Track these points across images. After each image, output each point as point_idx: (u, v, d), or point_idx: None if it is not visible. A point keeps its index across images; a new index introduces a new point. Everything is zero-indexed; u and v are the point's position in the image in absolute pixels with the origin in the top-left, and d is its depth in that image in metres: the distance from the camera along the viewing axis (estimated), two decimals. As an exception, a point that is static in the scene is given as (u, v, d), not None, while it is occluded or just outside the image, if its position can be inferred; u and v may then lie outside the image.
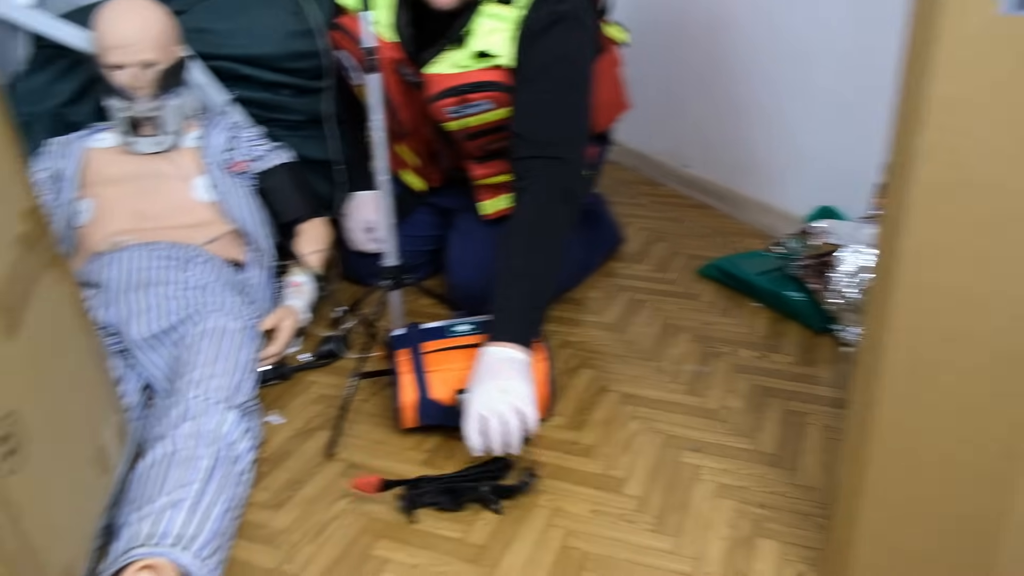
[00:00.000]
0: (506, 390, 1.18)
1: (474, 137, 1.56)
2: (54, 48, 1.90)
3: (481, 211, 1.70)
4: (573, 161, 1.44)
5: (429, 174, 1.81)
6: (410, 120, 1.64)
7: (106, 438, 1.08)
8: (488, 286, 1.60)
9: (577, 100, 1.48)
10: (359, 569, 1.06)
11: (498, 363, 1.22)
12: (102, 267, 1.50)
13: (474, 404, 1.18)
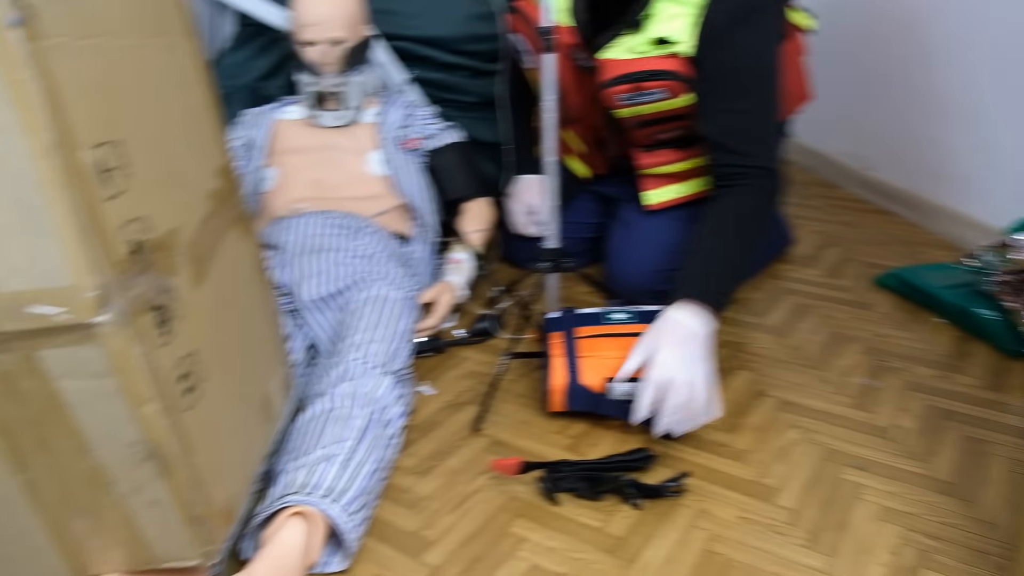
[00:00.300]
0: (694, 363, 1.18)
1: (645, 125, 1.52)
2: (255, 27, 2.04)
3: (645, 201, 1.66)
4: (773, 166, 1.42)
5: (594, 161, 1.79)
6: (579, 106, 1.62)
7: (272, 388, 1.14)
8: (647, 278, 1.57)
9: (771, 101, 1.43)
10: (496, 544, 1.07)
11: (686, 332, 1.21)
12: (281, 231, 1.59)
13: (656, 370, 1.17)
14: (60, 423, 0.79)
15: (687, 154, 1.57)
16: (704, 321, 1.24)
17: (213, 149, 1.02)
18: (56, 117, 0.69)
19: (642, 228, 1.67)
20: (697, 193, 1.61)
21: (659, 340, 1.21)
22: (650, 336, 1.22)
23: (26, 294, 0.72)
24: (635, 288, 1.60)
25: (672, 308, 1.24)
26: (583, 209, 1.86)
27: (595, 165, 1.80)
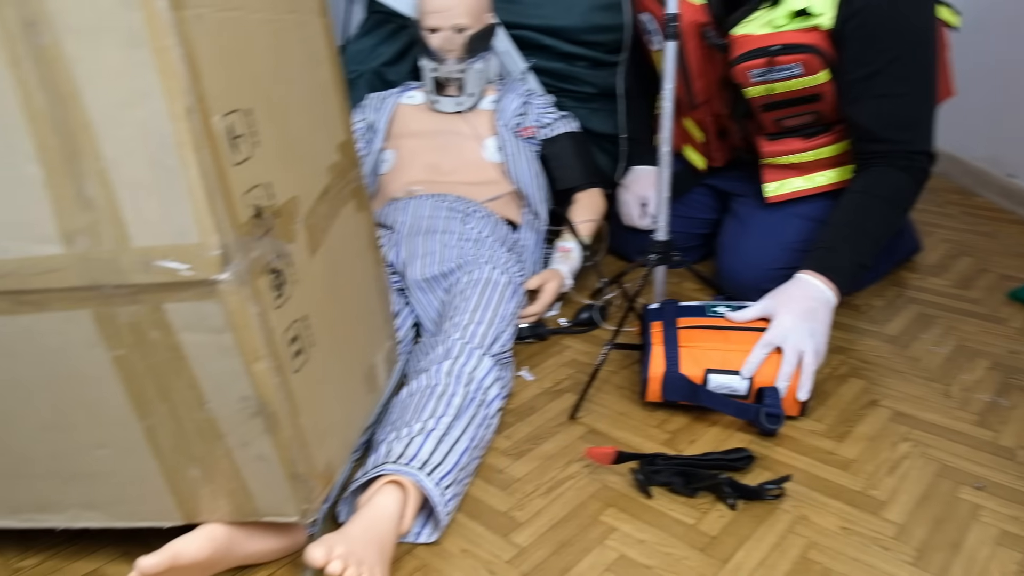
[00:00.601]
0: (814, 333, 1.23)
1: (772, 108, 1.47)
2: (383, 14, 2.10)
3: (765, 193, 1.60)
4: (929, 149, 1.39)
5: (713, 152, 1.75)
6: (705, 89, 1.59)
7: (377, 360, 1.18)
8: (757, 275, 1.53)
9: (929, 84, 1.38)
10: (585, 531, 1.06)
11: (816, 301, 1.27)
12: (395, 212, 1.64)
13: (777, 331, 1.22)
14: (180, 374, 0.84)
15: (813, 143, 1.51)
16: (835, 289, 1.28)
17: (336, 124, 1.06)
18: (194, 83, 0.73)
19: (756, 224, 1.62)
20: (819, 188, 1.55)
21: (781, 304, 1.26)
22: (774, 297, 1.27)
23: (156, 249, 0.77)
24: (744, 285, 1.56)
25: (803, 274, 1.29)
26: (697, 203, 1.83)
27: (713, 157, 1.76)
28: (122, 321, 0.81)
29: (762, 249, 1.56)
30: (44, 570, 1.02)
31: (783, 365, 1.21)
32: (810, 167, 1.55)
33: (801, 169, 1.56)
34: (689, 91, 1.59)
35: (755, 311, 1.27)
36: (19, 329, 0.83)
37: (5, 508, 0.98)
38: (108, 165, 0.75)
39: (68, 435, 0.90)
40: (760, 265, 1.54)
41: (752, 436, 1.24)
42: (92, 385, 0.86)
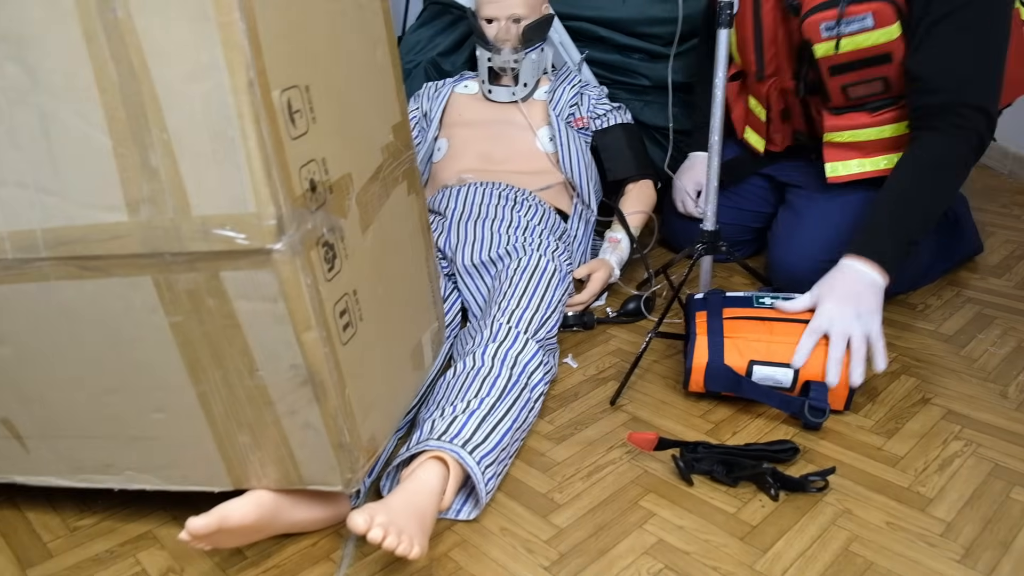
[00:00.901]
0: (860, 316, 1.22)
1: (841, 71, 1.44)
2: (440, 5, 2.12)
3: (829, 172, 1.55)
4: (986, 104, 1.34)
5: (773, 134, 1.71)
6: (775, 58, 1.57)
7: (424, 340, 1.20)
8: (809, 267, 1.51)
9: (998, 42, 1.34)
10: (624, 515, 1.07)
11: (860, 284, 1.26)
12: (447, 198, 1.66)
13: (822, 317, 1.22)
14: (234, 341, 0.86)
15: (878, 119, 1.47)
16: (881, 271, 1.27)
17: (391, 106, 1.08)
18: (256, 58, 0.76)
19: (810, 216, 1.60)
20: (879, 171, 1.51)
21: (825, 291, 1.26)
22: (820, 286, 1.27)
23: (215, 218, 0.80)
24: (796, 278, 1.54)
25: (846, 258, 1.29)
26: (752, 195, 1.81)
27: (774, 139, 1.72)
28: (180, 288, 0.84)
29: (815, 242, 1.54)
30: (101, 529, 1.06)
31: (831, 350, 1.20)
32: (871, 148, 1.51)
33: (862, 150, 1.52)
34: (760, 60, 1.58)
35: (804, 302, 1.27)
36: (85, 294, 0.87)
37: (69, 467, 1.02)
38: (172, 136, 0.78)
39: (128, 398, 0.94)
40: (813, 258, 1.51)
41: (797, 429, 1.23)
42: (151, 350, 0.89)
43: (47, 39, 0.77)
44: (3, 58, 0.79)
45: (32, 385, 0.95)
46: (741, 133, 1.77)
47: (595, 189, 1.78)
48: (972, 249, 1.84)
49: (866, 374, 1.21)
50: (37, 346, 0.92)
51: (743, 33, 1.58)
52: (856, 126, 1.50)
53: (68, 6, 0.75)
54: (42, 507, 1.10)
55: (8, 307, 0.90)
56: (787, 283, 1.56)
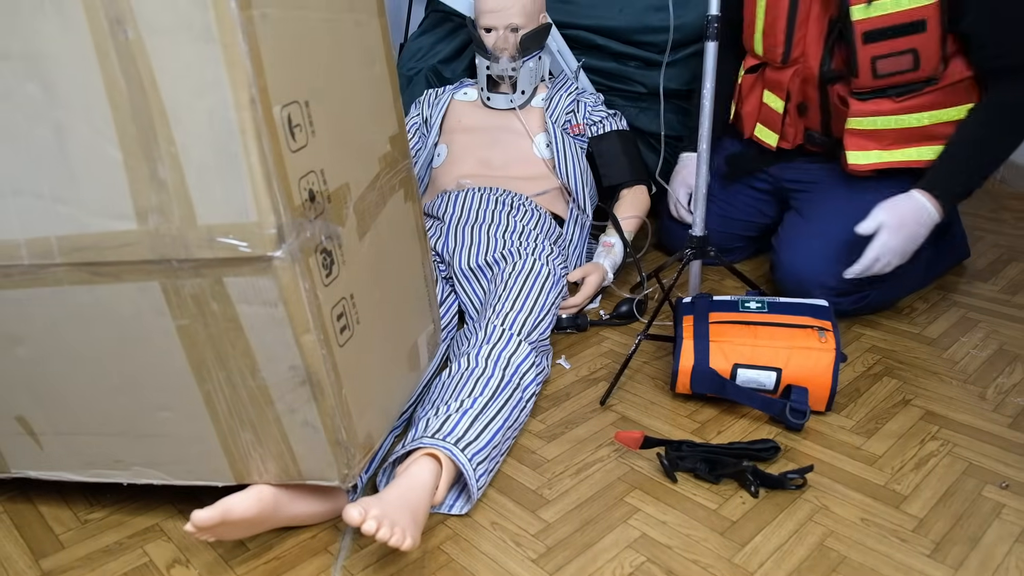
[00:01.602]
0: (905, 253, 1.45)
1: (874, 39, 1.44)
2: (441, 13, 2.17)
3: (851, 160, 1.56)
4: None
5: (788, 128, 1.70)
6: (803, 40, 1.57)
7: (420, 341, 1.24)
8: (818, 272, 1.55)
9: None
10: (610, 510, 1.11)
11: (921, 226, 1.44)
12: (446, 203, 1.70)
13: (878, 249, 1.42)
14: (237, 343, 0.91)
15: (902, 106, 1.49)
16: (936, 210, 1.43)
17: (389, 118, 1.13)
18: (257, 76, 0.80)
19: (819, 219, 1.62)
20: (896, 163, 1.53)
21: (891, 225, 1.42)
22: (888, 213, 1.43)
23: (220, 227, 0.84)
24: (805, 282, 1.57)
25: (917, 192, 1.44)
26: (745, 206, 1.85)
27: (787, 134, 1.71)
28: (186, 293, 0.89)
29: (825, 247, 1.56)
30: (110, 523, 1.11)
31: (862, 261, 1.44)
32: (891, 139, 1.52)
33: (881, 141, 1.53)
34: (789, 41, 1.58)
35: (872, 224, 1.43)
36: (96, 298, 0.92)
37: (80, 463, 1.07)
38: (179, 149, 0.83)
39: (137, 398, 0.99)
40: (822, 263, 1.55)
41: (780, 429, 1.28)
42: (159, 351, 0.94)
43: (63, 59, 0.82)
44: (22, 77, 0.84)
45: (46, 384, 1.00)
46: (751, 130, 1.77)
47: (591, 194, 1.82)
48: (961, 255, 1.88)
49: None
50: (51, 348, 0.97)
51: (774, 13, 1.58)
52: (879, 112, 1.50)
53: (82, 28, 0.80)
54: (54, 500, 1.15)
55: (24, 310, 0.95)
56: (795, 289, 1.59)
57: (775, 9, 1.58)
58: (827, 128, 1.64)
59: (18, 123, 0.86)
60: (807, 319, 1.29)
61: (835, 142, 1.63)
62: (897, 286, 1.63)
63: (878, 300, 1.60)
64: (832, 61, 1.54)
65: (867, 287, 1.56)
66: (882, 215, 1.43)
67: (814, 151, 1.71)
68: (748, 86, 1.73)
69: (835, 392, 1.27)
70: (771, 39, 1.61)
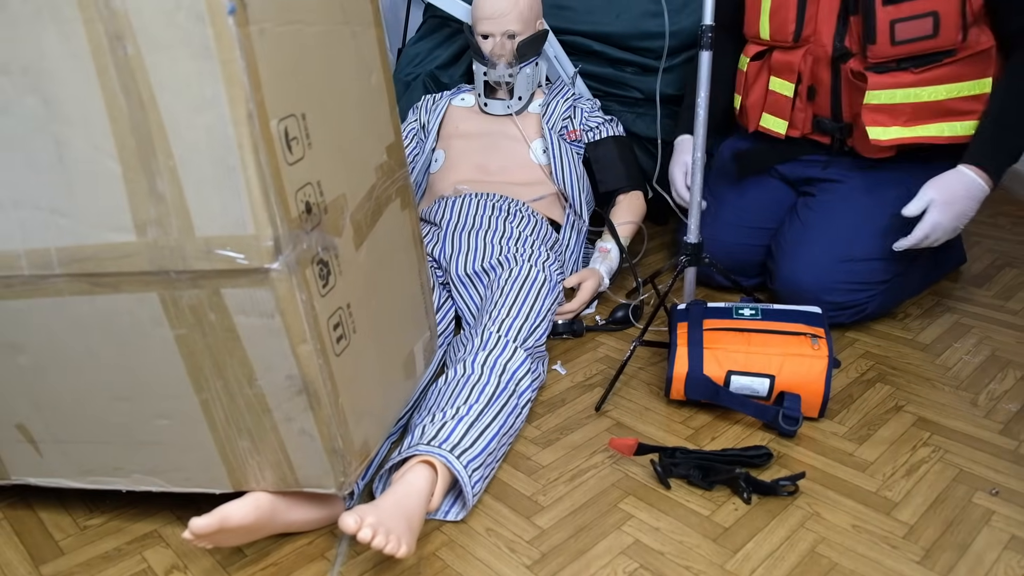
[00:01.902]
0: (956, 230, 1.46)
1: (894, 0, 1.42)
2: (439, 19, 2.18)
3: (872, 136, 1.51)
4: None
5: (797, 114, 1.66)
6: (815, 17, 1.55)
7: (416, 349, 1.26)
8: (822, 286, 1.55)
9: None
10: (604, 517, 1.12)
11: (972, 200, 1.44)
12: (443, 209, 1.71)
13: (927, 226, 1.44)
14: (234, 353, 0.92)
15: (922, 77, 1.46)
16: (985, 183, 1.44)
17: (385, 127, 1.14)
18: (255, 92, 0.82)
19: (819, 225, 1.60)
20: (918, 138, 1.50)
21: (940, 202, 1.44)
22: (936, 189, 1.44)
23: (217, 239, 0.86)
24: (804, 291, 1.56)
25: (964, 167, 1.44)
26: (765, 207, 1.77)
27: (796, 120, 1.67)
28: (184, 303, 0.90)
29: (825, 255, 1.56)
30: (108, 528, 1.13)
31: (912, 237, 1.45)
32: (910, 114, 1.49)
33: (899, 116, 1.49)
34: (800, 18, 1.55)
35: (917, 205, 1.44)
36: (95, 308, 0.93)
37: (79, 470, 1.08)
38: (177, 163, 0.84)
39: (135, 406, 1.00)
40: (823, 271, 1.55)
41: (773, 435, 1.29)
42: (157, 361, 0.95)
43: (63, 73, 0.83)
44: (23, 90, 0.85)
45: (46, 393, 1.01)
46: (756, 122, 1.72)
47: (587, 200, 1.83)
48: (958, 260, 1.89)
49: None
50: (51, 357, 0.98)
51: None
52: (898, 84, 1.47)
53: (82, 44, 0.81)
54: (54, 507, 1.16)
55: (24, 320, 0.96)
56: (794, 296, 1.58)
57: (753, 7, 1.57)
58: (837, 113, 1.61)
59: (18, 135, 0.87)
60: (800, 326, 1.30)
61: (844, 128, 1.61)
62: (894, 295, 1.64)
63: (876, 312, 1.61)
64: (846, 37, 1.52)
65: (865, 301, 1.57)
66: (931, 192, 1.44)
67: (821, 141, 1.67)
68: (753, 74, 1.69)
69: (828, 399, 1.28)
70: (780, 18, 1.57)
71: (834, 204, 1.63)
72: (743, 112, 1.75)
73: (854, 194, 1.62)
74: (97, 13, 0.80)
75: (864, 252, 1.55)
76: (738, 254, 1.76)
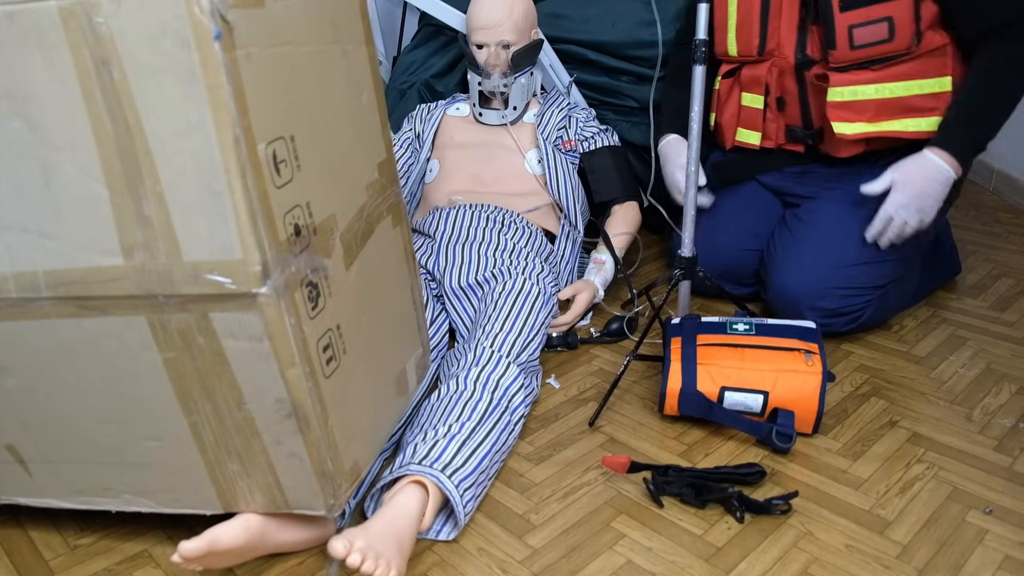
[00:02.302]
0: (922, 210, 1.49)
1: (851, 5, 1.46)
2: (434, 27, 2.18)
3: (837, 130, 1.55)
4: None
5: (769, 125, 1.69)
6: (777, 31, 1.59)
7: (408, 366, 1.25)
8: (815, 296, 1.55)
9: None
10: (596, 536, 1.12)
11: (933, 182, 1.47)
12: (436, 220, 1.71)
13: (891, 207, 1.49)
14: (223, 376, 0.92)
15: (883, 75, 1.50)
16: (949, 165, 1.47)
17: (376, 145, 1.13)
18: (241, 116, 0.81)
19: (809, 236, 1.61)
20: (883, 132, 1.54)
21: (901, 182, 1.48)
22: (899, 171, 1.48)
23: (205, 263, 0.85)
24: (797, 302, 1.57)
25: (927, 150, 1.48)
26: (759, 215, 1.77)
27: (768, 131, 1.70)
28: (172, 327, 0.90)
29: (817, 265, 1.56)
30: (99, 548, 1.12)
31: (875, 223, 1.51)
32: (874, 110, 1.53)
33: (864, 113, 1.53)
34: (763, 32, 1.60)
35: (881, 184, 1.49)
36: (83, 331, 0.92)
37: (69, 491, 1.08)
38: (164, 187, 0.83)
39: (124, 428, 0.99)
40: (816, 281, 1.56)
41: (767, 451, 1.28)
42: (145, 383, 0.95)
43: (49, 97, 0.83)
44: (8, 114, 0.84)
45: (35, 414, 1.01)
46: (732, 138, 1.76)
47: (582, 210, 1.83)
48: (952, 270, 1.89)
49: None
50: (39, 378, 0.98)
51: (746, 7, 1.60)
52: (859, 81, 1.52)
53: (68, 69, 0.81)
54: (44, 526, 1.16)
55: (12, 342, 0.95)
56: (787, 309, 1.59)
57: (747, 4, 1.61)
58: (807, 120, 1.65)
59: (4, 159, 0.86)
60: (794, 342, 1.30)
61: (815, 134, 1.65)
62: (889, 303, 1.64)
63: (872, 320, 1.61)
64: (808, 47, 1.57)
65: (860, 307, 1.57)
66: (891, 174, 1.49)
67: (796, 151, 1.71)
68: (726, 91, 1.73)
69: (822, 415, 1.27)
70: (745, 33, 1.63)
71: (821, 212, 1.64)
72: (719, 129, 1.79)
73: (839, 202, 1.62)
74: (83, 38, 0.79)
75: (856, 256, 1.56)
76: (732, 260, 1.75)
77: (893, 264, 1.57)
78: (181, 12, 0.76)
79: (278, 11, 0.87)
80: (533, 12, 1.81)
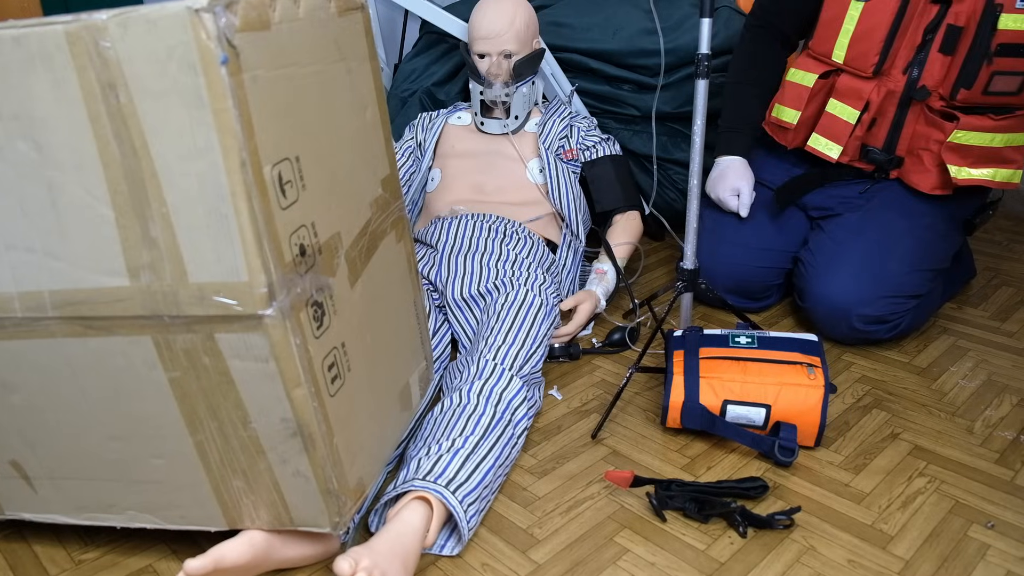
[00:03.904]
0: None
1: (1009, 53, 1.40)
2: (435, 35, 2.18)
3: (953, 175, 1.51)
4: None
5: (851, 142, 1.62)
6: (896, 51, 1.52)
7: (412, 380, 1.25)
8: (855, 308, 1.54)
9: None
10: (599, 551, 1.12)
11: None
12: (438, 230, 1.71)
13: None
14: (228, 396, 0.92)
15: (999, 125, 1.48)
16: None
17: (380, 161, 1.14)
18: (248, 139, 0.81)
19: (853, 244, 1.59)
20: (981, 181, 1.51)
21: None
22: None
23: (211, 285, 0.85)
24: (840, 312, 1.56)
25: None
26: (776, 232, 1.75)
27: (848, 147, 1.63)
28: (178, 347, 0.90)
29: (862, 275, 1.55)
30: (103, 563, 1.12)
31: None
32: (975, 156, 1.51)
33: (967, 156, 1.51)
34: (886, 50, 1.52)
35: None
36: (89, 350, 0.93)
37: (73, 506, 1.08)
38: (171, 210, 0.84)
39: (129, 445, 1.00)
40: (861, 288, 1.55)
41: (769, 465, 1.29)
42: (151, 402, 0.95)
43: (55, 120, 0.83)
44: (15, 136, 0.85)
45: (40, 431, 1.01)
46: (802, 141, 1.68)
47: (583, 220, 1.83)
48: (969, 274, 1.89)
49: None
50: (45, 396, 0.98)
51: (873, 20, 1.50)
52: (982, 128, 1.49)
53: (74, 91, 0.81)
54: (49, 541, 1.16)
55: (18, 361, 0.96)
56: (828, 313, 1.58)
57: (875, 15, 1.50)
58: (890, 146, 1.60)
59: (10, 180, 0.87)
60: (796, 355, 1.30)
61: (893, 160, 1.60)
62: (923, 311, 1.65)
63: (909, 327, 1.62)
64: (924, 74, 1.51)
65: (902, 315, 1.58)
66: None
67: (863, 168, 1.66)
68: (809, 92, 1.62)
69: (824, 428, 1.28)
70: (863, 46, 1.53)
71: (868, 220, 1.63)
72: (780, 129, 1.71)
73: (883, 211, 1.62)
74: (89, 62, 0.80)
75: (901, 264, 1.56)
76: (743, 275, 1.73)
77: (935, 272, 1.60)
78: (188, 37, 0.77)
79: (283, 32, 0.88)
80: (535, 21, 1.81)
